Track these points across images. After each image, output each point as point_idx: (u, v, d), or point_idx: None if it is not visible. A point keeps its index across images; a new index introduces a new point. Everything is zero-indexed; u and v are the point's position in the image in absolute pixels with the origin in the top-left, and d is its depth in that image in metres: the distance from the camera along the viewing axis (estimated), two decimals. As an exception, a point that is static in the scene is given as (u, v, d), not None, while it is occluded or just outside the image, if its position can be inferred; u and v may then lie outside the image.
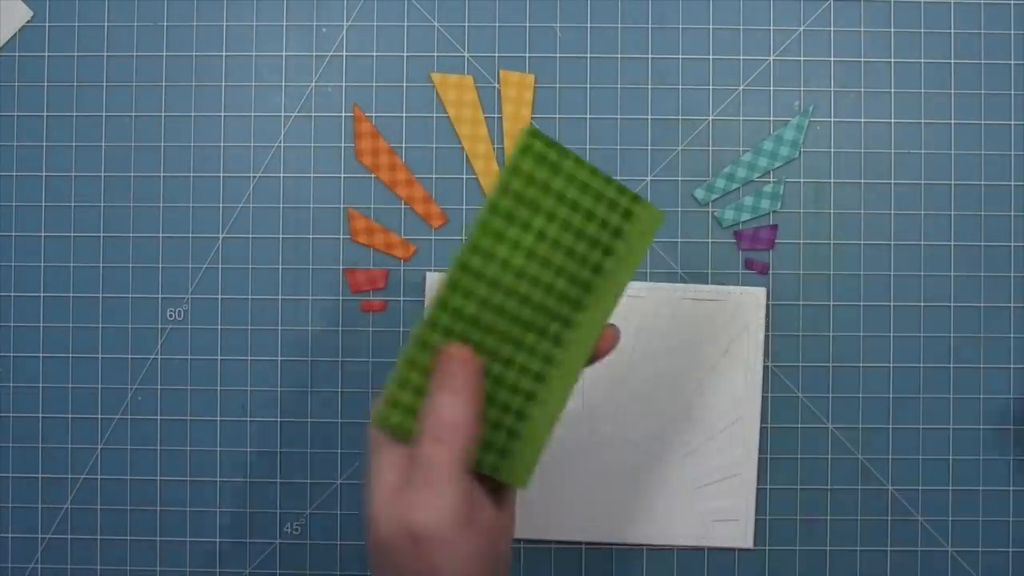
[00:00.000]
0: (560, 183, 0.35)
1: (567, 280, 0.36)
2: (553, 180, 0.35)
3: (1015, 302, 0.47)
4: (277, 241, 0.48)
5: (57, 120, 0.48)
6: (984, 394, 0.47)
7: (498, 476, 0.34)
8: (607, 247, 0.36)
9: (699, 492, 0.47)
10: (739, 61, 0.47)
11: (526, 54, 0.48)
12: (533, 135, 0.34)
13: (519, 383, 0.35)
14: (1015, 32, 0.47)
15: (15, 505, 0.48)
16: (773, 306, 0.47)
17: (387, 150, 0.48)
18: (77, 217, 0.48)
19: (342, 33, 0.48)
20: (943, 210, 0.47)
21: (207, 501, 0.48)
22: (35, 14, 0.48)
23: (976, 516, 0.47)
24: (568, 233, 0.36)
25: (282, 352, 0.48)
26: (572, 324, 0.36)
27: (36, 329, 0.48)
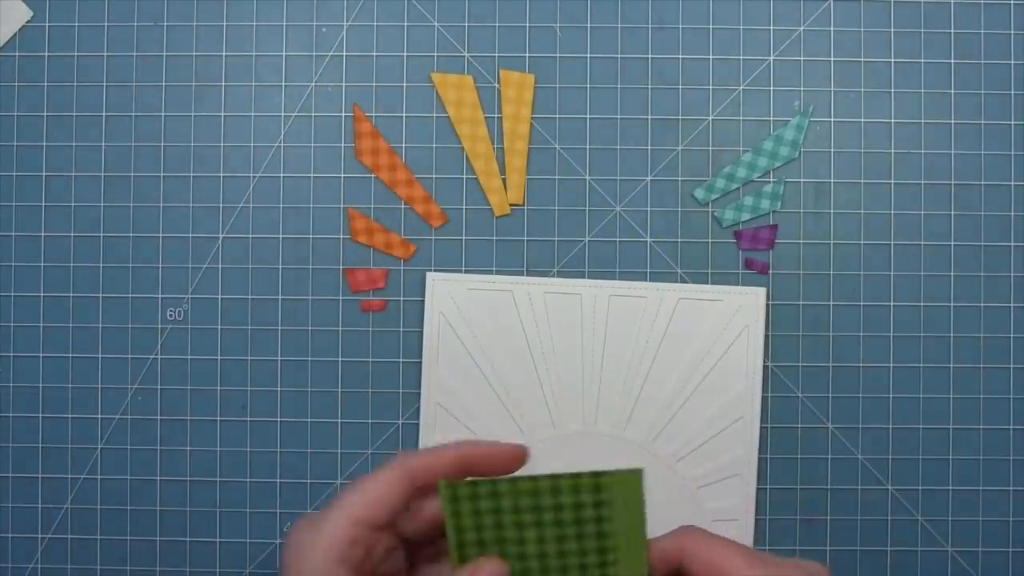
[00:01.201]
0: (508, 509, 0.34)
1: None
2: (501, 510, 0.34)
3: (1015, 302, 0.47)
4: (277, 241, 0.48)
5: (57, 120, 0.48)
6: (984, 394, 0.47)
7: None
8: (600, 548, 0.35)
9: (699, 492, 0.47)
10: (739, 61, 0.48)
11: (526, 54, 0.48)
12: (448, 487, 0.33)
13: None
14: (1015, 32, 0.47)
15: (15, 505, 0.48)
16: (773, 306, 0.47)
17: (387, 150, 0.48)
18: (77, 217, 0.48)
19: (342, 33, 0.48)
20: (943, 210, 0.47)
21: (207, 501, 0.48)
22: (35, 14, 0.48)
23: (976, 516, 0.47)
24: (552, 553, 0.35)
25: (282, 352, 0.48)
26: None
27: (36, 329, 0.48)
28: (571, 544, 0.35)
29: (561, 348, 0.47)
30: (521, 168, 0.47)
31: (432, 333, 0.47)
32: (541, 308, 0.47)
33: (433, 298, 0.47)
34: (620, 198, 0.47)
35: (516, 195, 0.47)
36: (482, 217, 0.48)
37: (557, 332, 0.47)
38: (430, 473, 0.35)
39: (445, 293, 0.47)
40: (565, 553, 0.35)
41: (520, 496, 0.34)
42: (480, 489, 0.34)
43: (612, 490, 0.34)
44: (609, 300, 0.47)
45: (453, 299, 0.47)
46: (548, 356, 0.47)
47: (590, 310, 0.47)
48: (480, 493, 0.34)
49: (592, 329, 0.47)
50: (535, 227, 0.47)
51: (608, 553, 0.35)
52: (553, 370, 0.47)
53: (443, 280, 0.47)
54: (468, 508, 0.34)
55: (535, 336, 0.47)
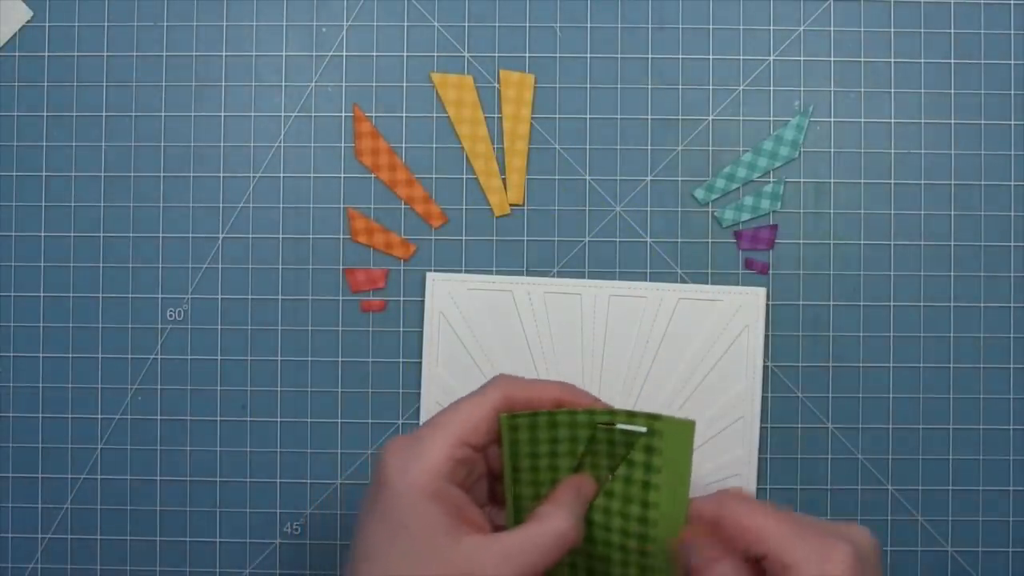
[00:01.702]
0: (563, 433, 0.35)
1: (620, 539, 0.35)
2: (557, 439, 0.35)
3: (1015, 302, 0.47)
4: (277, 241, 0.48)
5: (57, 120, 0.48)
6: (984, 394, 0.47)
7: None
8: (646, 482, 0.35)
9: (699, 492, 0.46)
10: (739, 61, 0.48)
11: (526, 54, 0.48)
12: (508, 417, 0.34)
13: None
14: (1015, 32, 0.47)
15: (15, 505, 0.48)
16: (773, 306, 0.47)
17: (387, 150, 0.48)
18: (77, 217, 0.48)
19: (342, 33, 0.48)
20: (943, 210, 0.47)
21: (207, 501, 0.48)
22: (35, 14, 0.48)
23: (976, 516, 0.47)
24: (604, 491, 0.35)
25: (282, 352, 0.48)
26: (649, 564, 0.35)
27: (36, 329, 0.48)
28: (618, 485, 0.35)
29: (561, 348, 0.47)
30: (521, 168, 0.47)
31: (432, 333, 0.47)
32: (541, 308, 0.47)
33: (433, 298, 0.47)
34: (620, 198, 0.47)
35: (516, 195, 0.47)
36: (482, 217, 0.48)
37: (557, 332, 0.47)
38: (528, 405, 0.35)
39: (445, 293, 0.47)
40: (611, 493, 0.35)
41: (577, 427, 0.35)
42: (539, 419, 0.35)
43: (663, 435, 0.34)
44: (609, 300, 0.47)
45: (453, 299, 0.47)
46: (548, 356, 0.47)
47: (590, 310, 0.47)
48: (539, 423, 0.35)
49: (592, 329, 0.47)
50: (535, 227, 0.47)
51: (650, 498, 0.35)
52: (553, 370, 0.47)
53: (443, 280, 0.47)
54: (526, 437, 0.35)
55: (535, 336, 0.47)
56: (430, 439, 0.33)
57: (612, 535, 0.35)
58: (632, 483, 0.35)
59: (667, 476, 0.35)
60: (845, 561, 0.32)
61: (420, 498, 0.32)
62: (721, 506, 0.34)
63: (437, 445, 0.33)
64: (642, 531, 0.35)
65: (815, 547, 0.32)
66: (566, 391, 0.36)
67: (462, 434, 0.33)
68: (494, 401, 0.34)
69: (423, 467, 0.32)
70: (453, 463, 0.33)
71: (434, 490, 0.32)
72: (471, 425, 0.34)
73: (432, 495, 0.32)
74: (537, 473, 0.35)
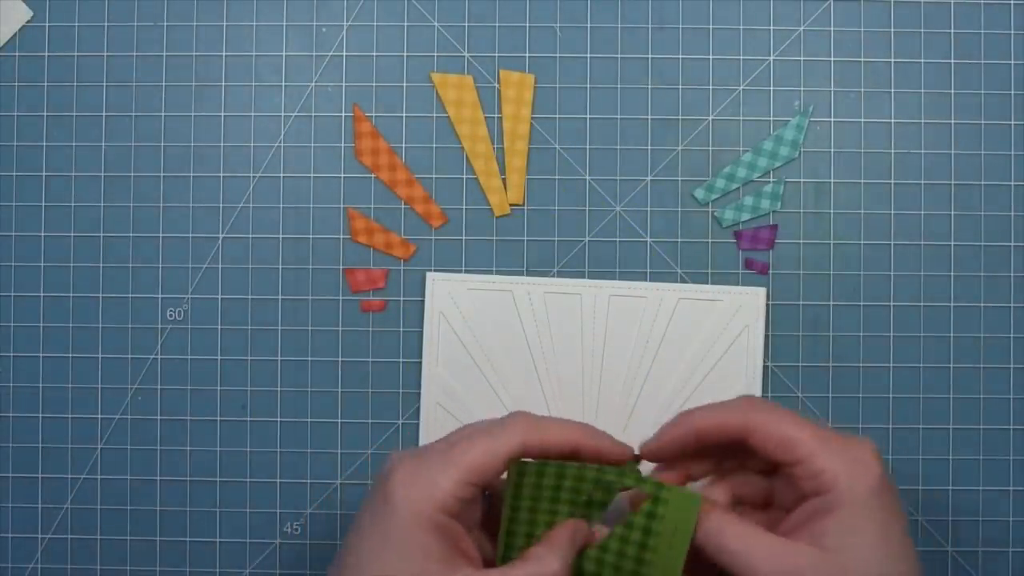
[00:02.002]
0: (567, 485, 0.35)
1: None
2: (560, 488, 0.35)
3: (1015, 302, 0.47)
4: (277, 241, 0.48)
5: (57, 120, 0.48)
6: (984, 394, 0.47)
7: None
8: (643, 544, 0.35)
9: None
10: (739, 61, 0.48)
11: (526, 54, 0.48)
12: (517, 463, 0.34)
13: None
14: (1015, 32, 0.47)
15: (15, 505, 0.48)
16: (773, 306, 0.47)
17: (387, 150, 0.48)
18: (77, 217, 0.48)
19: (342, 33, 0.48)
20: (943, 210, 0.47)
21: (207, 501, 0.48)
22: (35, 14, 0.48)
23: (976, 516, 0.47)
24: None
25: (282, 352, 0.48)
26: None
27: (36, 329, 0.48)
28: (614, 542, 0.35)
29: (561, 348, 0.47)
30: (521, 168, 0.47)
31: (432, 333, 0.47)
32: (541, 308, 0.47)
33: (433, 298, 0.47)
34: (620, 198, 0.47)
35: (516, 195, 0.47)
36: (482, 217, 0.48)
37: (557, 332, 0.47)
38: (543, 449, 0.35)
39: (445, 293, 0.47)
40: (606, 547, 0.35)
41: (583, 482, 0.35)
42: (548, 469, 0.35)
43: (668, 504, 0.34)
44: (609, 300, 0.47)
45: (453, 299, 0.47)
46: (548, 356, 0.47)
47: (590, 310, 0.47)
48: (547, 472, 0.35)
49: (592, 329, 0.47)
50: (535, 227, 0.47)
51: (645, 558, 0.35)
52: (553, 370, 0.47)
53: (443, 280, 0.47)
54: (532, 482, 0.35)
55: (535, 336, 0.47)
56: (441, 472, 0.33)
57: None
58: (628, 543, 0.35)
59: (665, 544, 0.35)
60: (872, 462, 0.34)
61: (422, 527, 0.32)
62: (748, 417, 0.35)
63: (447, 480, 0.33)
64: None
65: (840, 452, 0.34)
66: (586, 435, 0.36)
67: (473, 476, 0.33)
68: (511, 447, 0.34)
69: (430, 498, 0.33)
70: (460, 503, 0.33)
71: (436, 523, 0.32)
72: (483, 467, 0.34)
73: (434, 527, 0.32)
74: (535, 515, 0.36)
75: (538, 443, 0.34)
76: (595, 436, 0.36)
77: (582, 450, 0.35)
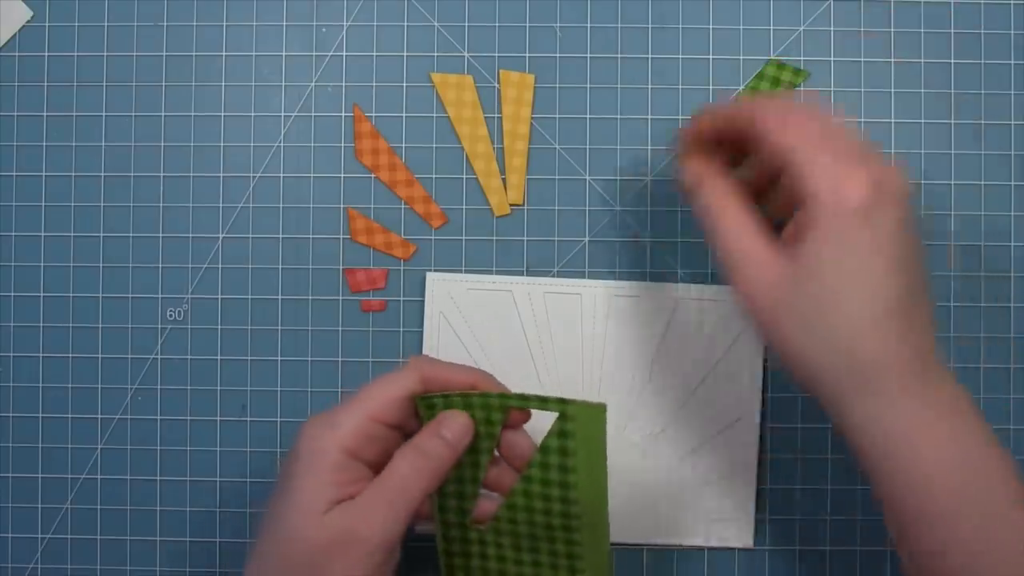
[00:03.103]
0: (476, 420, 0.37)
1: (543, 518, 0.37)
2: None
3: (1015, 302, 0.47)
4: (277, 241, 0.48)
5: (57, 120, 0.48)
6: (984, 394, 0.47)
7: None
8: (562, 464, 0.36)
9: (699, 492, 0.47)
10: (739, 61, 0.48)
11: (526, 54, 0.48)
12: (423, 398, 0.36)
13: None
14: (1015, 32, 0.47)
15: (15, 505, 0.48)
16: (773, 306, 0.47)
17: (387, 150, 0.48)
18: (77, 217, 0.48)
19: (342, 33, 0.48)
20: (943, 210, 0.47)
21: (207, 501, 0.48)
22: (35, 14, 0.48)
23: (976, 516, 0.47)
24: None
25: (282, 352, 0.48)
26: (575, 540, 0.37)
27: (36, 329, 0.48)
28: (535, 470, 0.36)
29: (561, 348, 0.47)
30: (521, 168, 0.47)
31: (432, 333, 0.47)
32: (541, 308, 0.47)
33: (433, 298, 0.47)
34: (620, 198, 0.47)
35: (516, 195, 0.47)
36: (482, 217, 0.48)
37: (557, 332, 0.47)
38: (444, 387, 0.37)
39: (445, 293, 0.47)
40: (530, 478, 0.36)
41: (491, 410, 0.36)
42: (453, 400, 0.36)
43: (575, 419, 0.35)
44: (609, 300, 0.47)
45: (453, 299, 0.47)
46: (548, 356, 0.47)
47: (590, 310, 0.47)
48: (453, 403, 0.36)
49: (592, 329, 0.47)
50: (535, 227, 0.47)
51: (569, 480, 0.36)
52: (553, 370, 0.47)
53: (443, 280, 0.47)
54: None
55: (535, 336, 0.47)
56: (343, 413, 0.35)
57: (535, 515, 0.37)
58: (549, 468, 0.36)
59: (583, 458, 0.36)
60: (859, 189, 0.32)
61: (319, 466, 0.34)
62: (755, 115, 0.35)
63: (348, 420, 0.35)
64: (564, 510, 0.36)
65: (831, 166, 0.32)
66: (483, 379, 0.38)
67: (374, 411, 0.35)
68: (409, 380, 0.36)
69: (331, 437, 0.34)
70: (363, 438, 0.35)
71: (335, 461, 0.34)
72: (383, 403, 0.35)
73: (332, 465, 0.34)
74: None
75: (437, 379, 0.37)
76: (490, 381, 0.38)
77: (478, 390, 0.37)
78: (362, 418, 0.35)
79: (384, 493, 0.34)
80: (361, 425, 0.35)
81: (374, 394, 0.36)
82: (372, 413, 0.35)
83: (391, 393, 0.36)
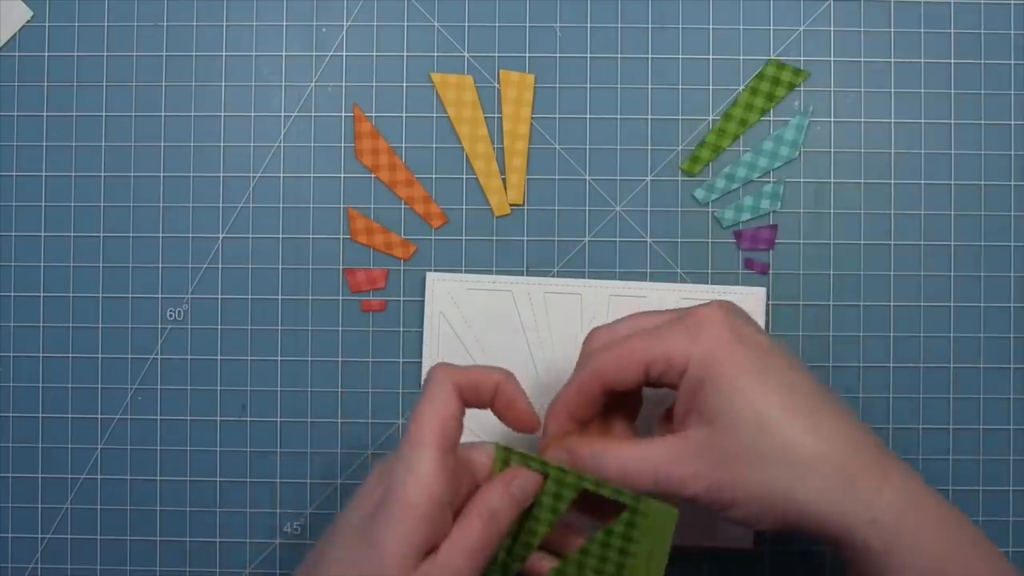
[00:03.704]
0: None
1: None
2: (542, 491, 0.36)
3: (1015, 302, 0.47)
4: (277, 241, 0.48)
5: (57, 120, 0.48)
6: (984, 394, 0.47)
7: None
8: (622, 550, 0.35)
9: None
10: (739, 61, 0.48)
11: (526, 54, 0.48)
12: (502, 448, 0.36)
13: None
14: (1015, 32, 0.47)
15: (15, 505, 0.48)
16: (773, 306, 0.47)
17: (387, 150, 0.48)
18: (77, 217, 0.48)
19: (342, 33, 0.48)
20: (943, 210, 0.47)
21: (207, 501, 0.48)
22: (35, 14, 0.48)
23: (976, 516, 0.47)
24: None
25: (282, 352, 0.48)
26: None
27: (36, 329, 0.48)
28: (595, 547, 0.36)
29: (561, 348, 0.47)
30: (521, 168, 0.47)
31: (432, 333, 0.47)
32: (541, 308, 0.47)
33: (433, 298, 0.47)
34: (620, 198, 0.47)
35: (516, 195, 0.47)
36: (482, 217, 0.48)
37: (557, 332, 0.47)
38: (475, 388, 0.35)
39: (445, 293, 0.47)
40: (587, 552, 0.36)
41: (563, 486, 0.36)
42: (532, 464, 0.36)
43: (647, 517, 0.35)
44: (609, 300, 0.47)
45: (453, 299, 0.47)
46: (548, 356, 0.47)
47: (590, 310, 0.47)
48: (530, 466, 0.36)
49: (592, 329, 0.47)
50: (535, 227, 0.47)
51: (626, 564, 0.36)
52: (553, 370, 0.47)
53: (443, 280, 0.47)
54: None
55: (535, 336, 0.47)
56: (415, 455, 0.33)
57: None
58: (609, 548, 0.36)
59: (644, 553, 0.36)
60: (713, 319, 0.33)
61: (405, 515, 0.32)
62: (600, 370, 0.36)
63: (423, 463, 0.33)
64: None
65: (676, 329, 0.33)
66: (505, 378, 0.36)
67: (443, 445, 0.33)
68: (449, 396, 0.34)
69: (416, 483, 0.32)
70: (443, 477, 0.33)
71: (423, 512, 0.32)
72: (440, 429, 0.33)
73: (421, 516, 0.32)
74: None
75: (465, 385, 0.35)
76: (513, 382, 0.36)
77: (501, 392, 0.35)
78: (436, 456, 0.33)
79: (464, 550, 0.33)
80: (437, 463, 0.33)
81: (433, 426, 0.33)
82: (442, 446, 0.33)
83: (446, 417, 0.34)
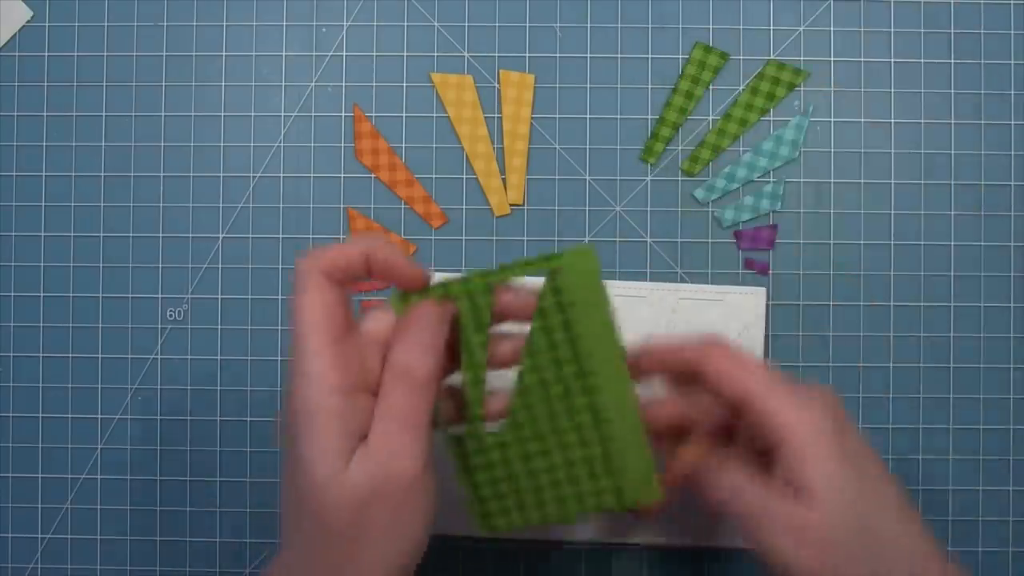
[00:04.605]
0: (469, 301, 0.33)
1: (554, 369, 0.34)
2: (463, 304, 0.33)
3: (1015, 302, 0.47)
4: (277, 241, 0.48)
5: (57, 120, 0.48)
6: (984, 394, 0.47)
7: (632, 502, 0.34)
8: (565, 321, 0.33)
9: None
10: (739, 61, 0.48)
11: (526, 54, 0.48)
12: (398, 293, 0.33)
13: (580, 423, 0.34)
14: (1015, 32, 0.47)
15: (15, 505, 0.48)
16: (773, 306, 0.47)
17: (387, 150, 0.48)
18: (77, 217, 0.48)
19: (342, 33, 0.48)
20: (943, 210, 0.47)
21: (207, 501, 0.48)
22: (35, 14, 0.48)
23: (976, 516, 0.47)
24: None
25: (282, 352, 0.48)
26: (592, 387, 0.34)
27: (36, 329, 0.48)
28: (539, 338, 0.33)
29: (561, 348, 0.47)
30: (521, 168, 0.47)
31: (432, 333, 0.47)
32: (541, 308, 0.47)
33: (433, 298, 0.47)
34: (620, 198, 0.47)
35: (516, 195, 0.47)
36: (482, 217, 0.48)
37: (557, 332, 0.47)
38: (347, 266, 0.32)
39: (445, 293, 0.47)
40: (535, 350, 0.34)
41: (475, 295, 0.33)
42: (432, 292, 0.33)
43: (565, 271, 0.32)
44: (609, 300, 0.47)
45: (453, 299, 0.47)
46: (548, 356, 0.47)
47: (590, 310, 0.47)
48: (432, 296, 0.33)
49: (592, 329, 0.47)
50: (535, 227, 0.47)
51: (575, 332, 0.33)
52: (553, 370, 0.47)
53: (443, 280, 0.47)
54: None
55: (535, 336, 0.47)
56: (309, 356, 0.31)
57: (551, 388, 0.34)
58: (552, 329, 0.33)
59: (583, 304, 0.33)
60: (815, 406, 0.34)
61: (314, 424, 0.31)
62: (706, 351, 0.35)
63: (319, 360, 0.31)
64: (579, 369, 0.33)
65: (790, 397, 0.34)
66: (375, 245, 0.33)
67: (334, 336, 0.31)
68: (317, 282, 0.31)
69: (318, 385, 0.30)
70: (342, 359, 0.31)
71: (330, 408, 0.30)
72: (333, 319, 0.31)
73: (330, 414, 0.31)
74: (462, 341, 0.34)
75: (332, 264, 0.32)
76: (383, 245, 0.33)
77: (372, 259, 0.33)
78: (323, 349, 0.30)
79: (393, 423, 0.31)
80: (326, 357, 0.30)
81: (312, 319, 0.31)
82: (328, 335, 0.31)
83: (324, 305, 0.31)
